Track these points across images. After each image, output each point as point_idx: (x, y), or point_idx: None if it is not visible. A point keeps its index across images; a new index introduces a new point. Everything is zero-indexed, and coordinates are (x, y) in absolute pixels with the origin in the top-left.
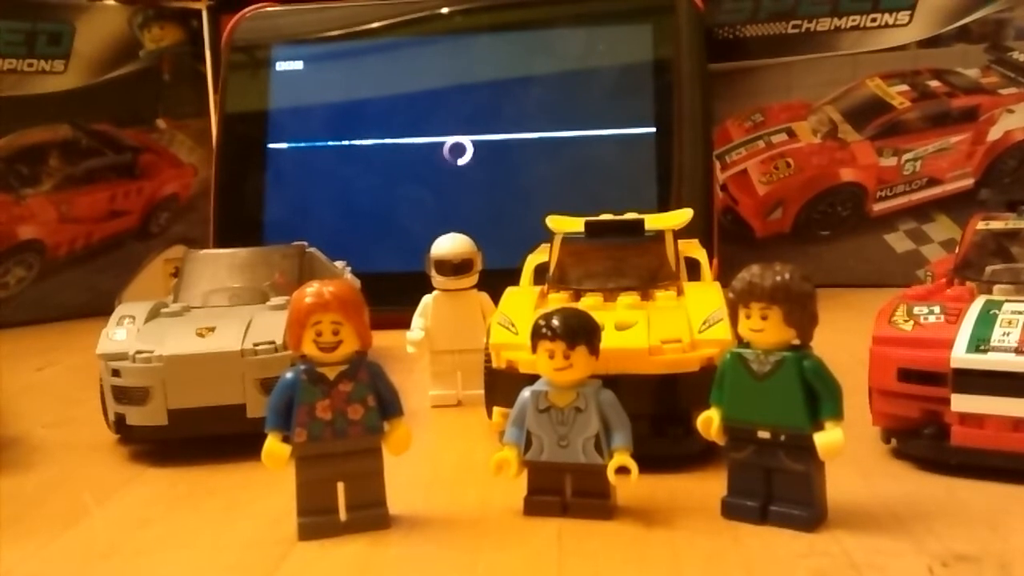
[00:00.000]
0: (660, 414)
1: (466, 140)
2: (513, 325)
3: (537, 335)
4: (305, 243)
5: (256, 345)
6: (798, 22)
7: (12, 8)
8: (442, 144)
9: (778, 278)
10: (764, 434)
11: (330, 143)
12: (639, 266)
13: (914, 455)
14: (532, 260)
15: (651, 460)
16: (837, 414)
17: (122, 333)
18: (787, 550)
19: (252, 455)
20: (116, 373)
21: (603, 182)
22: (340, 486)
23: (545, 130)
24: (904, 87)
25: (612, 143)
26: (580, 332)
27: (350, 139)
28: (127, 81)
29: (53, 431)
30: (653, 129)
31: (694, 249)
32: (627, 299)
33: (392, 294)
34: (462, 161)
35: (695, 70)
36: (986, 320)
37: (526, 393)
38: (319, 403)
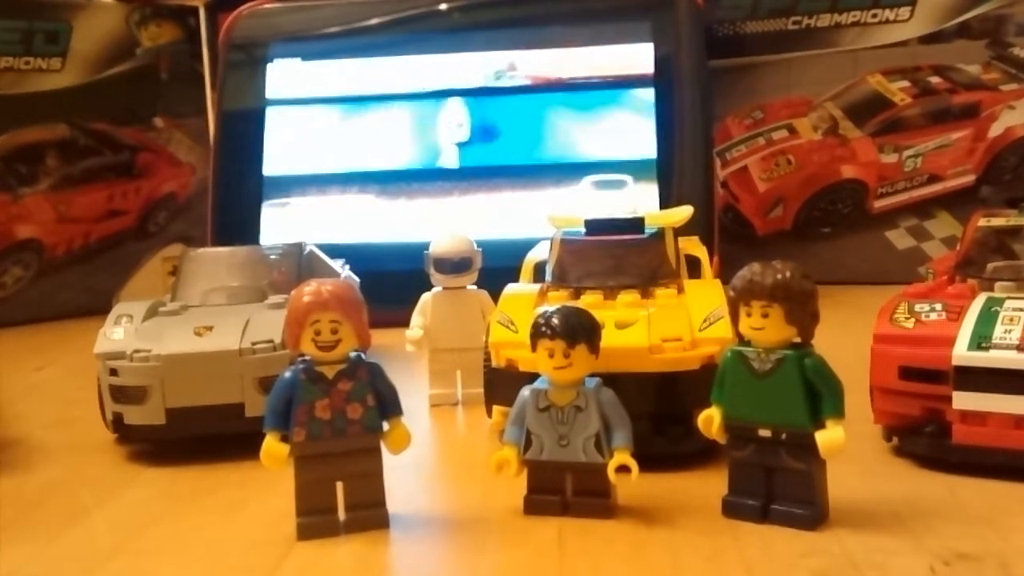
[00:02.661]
0: (661, 413)
1: (465, 138)
2: (513, 323)
3: (537, 333)
4: (303, 241)
5: (254, 344)
6: (798, 18)
7: (9, 6)
8: (442, 141)
9: (779, 276)
10: (765, 432)
11: (328, 140)
12: (639, 264)
13: (915, 453)
14: (532, 258)
15: (652, 459)
16: (838, 412)
17: (120, 332)
18: (788, 549)
19: (251, 455)
20: (114, 372)
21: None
22: (339, 486)
23: (544, 127)
24: (905, 83)
25: (612, 140)
26: (580, 330)
27: (348, 136)
28: (124, 79)
29: (52, 431)
30: (653, 126)
31: (694, 247)
32: (627, 297)
33: (391, 293)
34: (462, 161)
35: (695, 66)
36: (988, 317)
37: (526, 392)
38: (318, 402)
